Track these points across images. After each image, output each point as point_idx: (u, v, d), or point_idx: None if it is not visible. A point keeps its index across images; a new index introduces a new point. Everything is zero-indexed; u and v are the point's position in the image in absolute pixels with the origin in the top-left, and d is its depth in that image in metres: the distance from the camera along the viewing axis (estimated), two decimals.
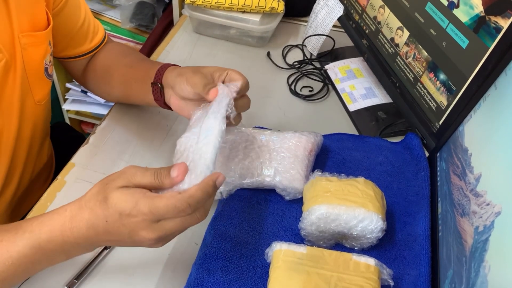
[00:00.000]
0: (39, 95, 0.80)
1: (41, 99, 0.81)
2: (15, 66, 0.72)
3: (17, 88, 0.73)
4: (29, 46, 0.73)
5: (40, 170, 0.93)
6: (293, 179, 0.71)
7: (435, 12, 0.73)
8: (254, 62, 1.10)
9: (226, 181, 0.72)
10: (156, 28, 1.50)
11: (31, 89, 0.77)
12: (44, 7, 0.76)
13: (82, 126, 1.80)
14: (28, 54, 0.73)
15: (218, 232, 0.68)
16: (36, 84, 0.78)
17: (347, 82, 1.01)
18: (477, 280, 0.50)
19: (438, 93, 0.74)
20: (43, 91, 0.81)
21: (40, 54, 0.76)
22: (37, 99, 0.80)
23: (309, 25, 1.12)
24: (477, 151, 0.60)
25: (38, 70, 0.77)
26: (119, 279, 0.68)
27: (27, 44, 0.73)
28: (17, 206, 0.88)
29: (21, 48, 0.72)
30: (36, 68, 0.76)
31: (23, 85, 0.75)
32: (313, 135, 0.77)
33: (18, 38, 0.71)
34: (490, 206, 0.52)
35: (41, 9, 0.75)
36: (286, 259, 0.60)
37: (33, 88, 0.77)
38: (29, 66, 0.74)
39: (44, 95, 0.82)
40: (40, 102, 0.81)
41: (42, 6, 0.75)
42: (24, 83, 0.75)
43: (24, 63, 0.73)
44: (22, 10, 0.71)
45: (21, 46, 0.72)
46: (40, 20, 0.75)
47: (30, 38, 0.73)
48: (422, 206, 0.70)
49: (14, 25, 0.70)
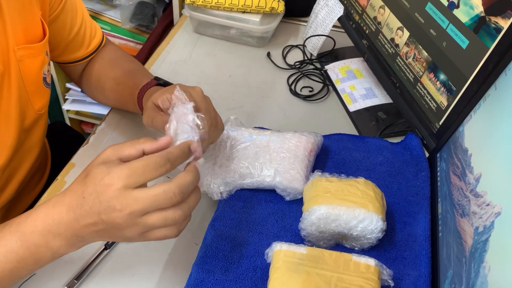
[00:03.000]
0: (38, 104, 0.80)
1: (41, 108, 0.81)
2: (9, 78, 0.72)
3: (14, 99, 0.73)
4: (25, 58, 0.73)
5: (35, 170, 0.93)
6: (293, 179, 0.71)
7: (435, 12, 0.73)
8: (254, 62, 1.10)
9: (226, 181, 0.72)
10: (156, 28, 1.50)
11: (30, 99, 0.77)
12: (39, 18, 0.76)
13: (82, 126, 1.80)
14: (25, 66, 0.74)
15: (218, 232, 0.68)
16: (35, 94, 0.78)
17: (347, 83, 1.01)
18: (477, 281, 0.50)
19: (438, 93, 0.74)
20: (42, 100, 0.81)
21: (37, 65, 0.76)
22: (37, 108, 0.80)
23: (309, 25, 1.12)
24: (477, 152, 0.60)
25: (36, 80, 0.77)
26: (119, 279, 0.68)
27: (23, 56, 0.73)
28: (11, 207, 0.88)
29: (17, 60, 0.72)
30: (34, 78, 0.77)
31: (22, 96, 0.75)
32: (313, 135, 0.77)
33: (13, 51, 0.71)
34: (490, 207, 0.52)
35: (36, 20, 0.75)
36: (286, 259, 0.60)
37: (32, 98, 0.78)
38: (26, 77, 0.75)
39: (43, 103, 0.82)
40: (40, 111, 0.81)
41: (38, 17, 0.75)
42: (22, 94, 0.75)
43: (21, 74, 0.73)
44: (18, 22, 0.71)
45: (18, 58, 0.72)
46: (36, 32, 0.75)
47: (26, 50, 0.73)
48: (422, 206, 0.70)
49: (9, 38, 0.70)
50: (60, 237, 0.54)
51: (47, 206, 0.55)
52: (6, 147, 0.75)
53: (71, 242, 0.55)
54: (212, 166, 0.73)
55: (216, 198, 0.72)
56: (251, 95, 1.02)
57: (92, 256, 0.70)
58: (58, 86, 1.61)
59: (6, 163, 0.76)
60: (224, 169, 0.73)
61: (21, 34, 0.72)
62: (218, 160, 0.74)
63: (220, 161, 0.74)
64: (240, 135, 0.76)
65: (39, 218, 0.54)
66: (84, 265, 0.69)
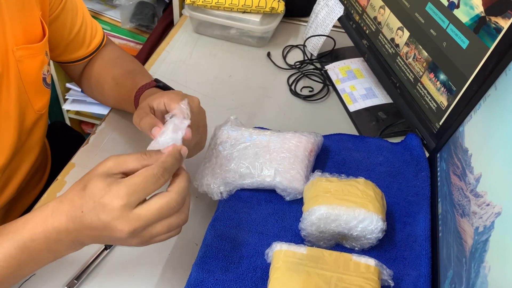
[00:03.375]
0: (38, 105, 0.80)
1: (41, 108, 0.81)
2: (8, 79, 0.72)
3: (13, 100, 0.73)
4: (25, 58, 0.73)
5: (35, 170, 0.93)
6: (293, 179, 0.71)
7: (435, 12, 0.73)
8: (254, 62, 1.10)
9: (226, 181, 0.72)
10: (156, 28, 1.50)
11: (30, 100, 0.77)
12: (39, 18, 0.75)
13: (82, 126, 1.80)
14: (24, 66, 0.73)
15: (218, 232, 0.68)
16: (34, 94, 0.78)
17: (348, 83, 1.01)
18: (477, 281, 0.50)
19: (438, 93, 0.74)
20: (42, 100, 0.81)
21: (36, 65, 0.76)
22: (37, 109, 0.80)
23: (309, 25, 1.12)
24: (477, 152, 0.60)
25: (36, 81, 0.77)
26: (119, 279, 0.68)
27: (23, 56, 0.73)
28: (11, 207, 0.88)
29: (16, 61, 0.72)
30: (34, 79, 0.76)
31: (21, 97, 0.75)
32: (313, 135, 0.77)
33: (12, 51, 0.71)
34: (490, 207, 0.52)
35: (36, 20, 0.75)
36: (286, 259, 0.60)
37: (32, 99, 0.77)
38: (26, 77, 0.74)
39: (43, 104, 0.82)
40: (40, 111, 0.81)
41: (37, 17, 0.75)
42: (22, 95, 0.75)
43: (20, 75, 0.73)
44: (17, 22, 0.71)
45: (17, 59, 0.72)
46: (35, 32, 0.75)
47: (25, 50, 0.73)
48: (422, 206, 0.70)
49: (8, 38, 0.70)
50: (61, 243, 0.55)
51: (46, 213, 0.54)
52: (6, 147, 0.75)
53: (72, 246, 0.56)
54: (212, 166, 0.73)
55: (216, 198, 0.72)
56: (251, 95, 1.02)
57: (92, 256, 0.70)
58: (58, 86, 1.61)
59: (6, 163, 0.76)
60: (224, 169, 0.73)
61: (20, 34, 0.72)
62: (218, 160, 0.74)
63: (220, 161, 0.74)
64: (240, 135, 0.76)
65: (39, 226, 0.54)
66: (84, 265, 0.69)
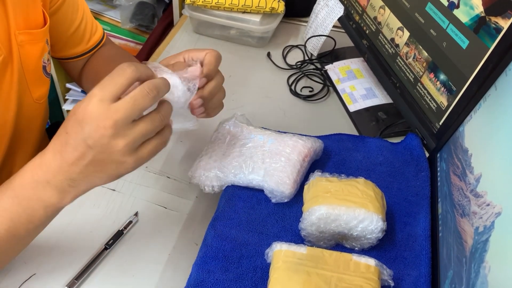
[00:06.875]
0: (37, 93, 0.80)
1: (40, 98, 0.81)
2: (12, 63, 0.72)
3: (15, 85, 0.74)
4: (26, 44, 0.73)
5: None
6: (281, 182, 0.70)
7: (435, 12, 0.73)
8: (254, 62, 1.10)
9: (218, 176, 0.73)
10: (156, 28, 1.50)
11: (29, 87, 0.77)
12: (40, 6, 0.76)
13: None
14: (25, 52, 0.74)
15: (218, 232, 0.68)
16: (34, 82, 0.78)
17: (348, 83, 1.01)
18: (477, 281, 0.50)
19: (438, 93, 0.74)
20: (41, 89, 0.81)
21: (37, 51, 0.76)
22: (35, 97, 0.80)
23: (309, 26, 1.12)
24: (477, 152, 0.60)
25: (36, 68, 0.77)
26: (119, 279, 0.68)
27: (24, 42, 0.73)
28: None
29: (17, 45, 0.72)
30: (34, 65, 0.77)
31: (21, 83, 0.75)
32: (312, 140, 0.75)
33: (14, 35, 0.71)
34: (490, 207, 0.52)
35: (37, 8, 0.75)
36: (286, 259, 0.60)
37: (31, 86, 0.78)
38: (26, 63, 0.75)
39: (42, 93, 0.82)
40: (39, 100, 0.81)
41: (39, 5, 0.76)
42: (21, 81, 0.75)
43: (21, 60, 0.73)
44: (19, 8, 0.72)
45: (18, 43, 0.72)
46: (37, 18, 0.76)
47: (26, 35, 0.73)
48: (422, 206, 0.70)
49: (11, 22, 0.70)
50: (49, 186, 0.54)
51: (33, 159, 0.55)
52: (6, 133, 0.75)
53: (62, 188, 0.54)
54: (208, 160, 0.74)
55: (207, 191, 0.73)
56: (251, 95, 1.02)
57: (92, 256, 0.70)
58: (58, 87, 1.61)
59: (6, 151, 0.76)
60: (219, 163, 0.73)
61: (22, 19, 0.72)
62: (213, 154, 0.75)
63: (215, 155, 0.74)
64: (240, 132, 0.77)
65: (27, 171, 0.55)
66: (84, 265, 0.69)
